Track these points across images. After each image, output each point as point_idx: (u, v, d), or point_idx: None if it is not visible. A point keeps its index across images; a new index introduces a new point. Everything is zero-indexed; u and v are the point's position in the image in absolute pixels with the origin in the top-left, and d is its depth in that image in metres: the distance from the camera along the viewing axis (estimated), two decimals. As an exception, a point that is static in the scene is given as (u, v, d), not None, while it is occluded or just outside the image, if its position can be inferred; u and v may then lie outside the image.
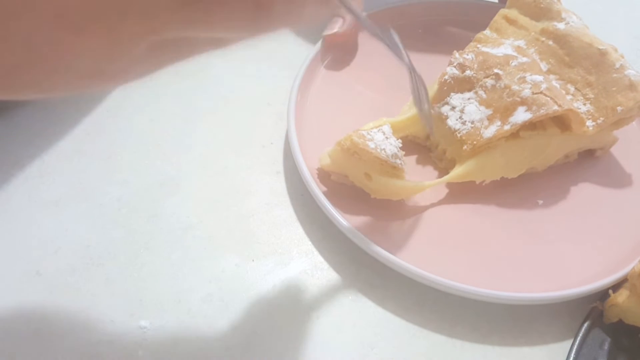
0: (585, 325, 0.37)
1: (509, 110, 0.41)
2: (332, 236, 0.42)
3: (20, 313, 0.37)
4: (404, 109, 0.46)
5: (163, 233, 0.41)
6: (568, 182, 0.45)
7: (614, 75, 0.42)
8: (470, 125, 0.41)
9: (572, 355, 0.36)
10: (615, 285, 0.38)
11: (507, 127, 0.40)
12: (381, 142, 0.39)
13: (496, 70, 0.42)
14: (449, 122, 0.42)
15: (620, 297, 0.37)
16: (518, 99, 0.40)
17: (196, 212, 0.42)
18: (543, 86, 0.41)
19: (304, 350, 0.37)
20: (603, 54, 0.43)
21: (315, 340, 0.37)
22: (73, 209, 0.42)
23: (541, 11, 0.47)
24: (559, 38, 0.45)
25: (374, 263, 0.39)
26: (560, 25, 0.45)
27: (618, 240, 0.42)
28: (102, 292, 0.38)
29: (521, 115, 0.40)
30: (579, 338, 0.36)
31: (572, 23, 0.45)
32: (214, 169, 0.45)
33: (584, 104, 0.43)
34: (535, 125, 0.42)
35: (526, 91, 0.40)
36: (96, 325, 0.36)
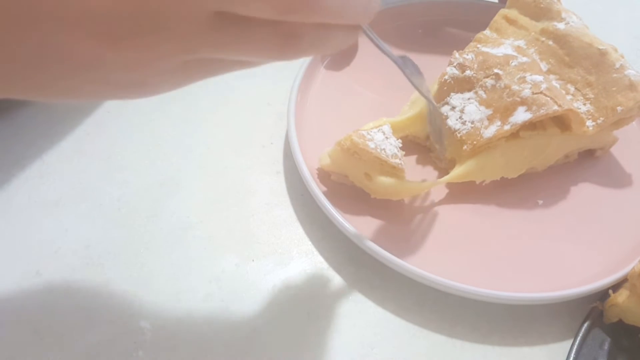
0: (585, 325, 0.37)
1: (509, 110, 0.41)
2: (332, 236, 0.42)
3: (20, 313, 0.37)
4: (404, 109, 0.46)
5: (163, 233, 0.41)
6: (568, 182, 0.45)
7: (614, 75, 0.42)
8: (470, 125, 0.41)
9: (572, 355, 0.36)
10: (615, 285, 0.38)
11: (507, 127, 0.40)
12: (381, 142, 0.39)
13: (496, 70, 0.42)
14: (449, 122, 0.42)
15: (620, 297, 0.37)
16: (518, 99, 0.40)
17: (196, 212, 0.42)
18: (543, 86, 0.41)
19: (304, 350, 0.37)
20: (603, 54, 0.43)
21: (315, 340, 0.37)
22: (73, 209, 0.42)
23: (541, 11, 0.47)
24: (559, 38, 0.45)
25: (374, 263, 0.39)
26: (560, 25, 0.45)
27: (618, 240, 0.42)
28: (102, 292, 0.38)
29: (521, 115, 0.40)
30: (579, 338, 0.36)
31: (572, 23, 0.45)
32: (214, 169, 0.45)
33: (584, 104, 0.43)
34: (535, 125, 0.42)
35: (526, 91, 0.40)
36: (96, 325, 0.36)
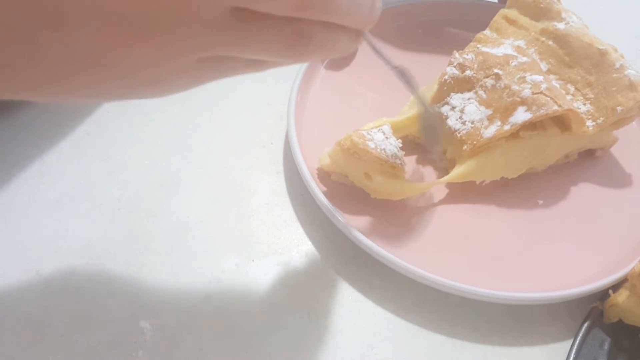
0: (585, 325, 0.37)
1: (509, 110, 0.41)
2: (332, 236, 0.42)
3: (20, 313, 0.37)
4: (404, 109, 0.46)
5: (163, 233, 0.41)
6: (568, 182, 0.45)
7: (614, 75, 0.42)
8: (470, 125, 0.41)
9: (572, 355, 0.36)
10: (615, 285, 0.38)
11: (507, 127, 0.40)
12: (381, 142, 0.39)
13: (496, 70, 0.42)
14: (449, 122, 0.42)
15: (620, 297, 0.37)
16: (518, 99, 0.40)
17: (196, 212, 0.42)
18: (543, 86, 0.41)
19: (304, 350, 0.37)
20: (603, 54, 0.43)
21: (315, 340, 0.37)
22: (73, 209, 0.42)
23: (541, 11, 0.47)
24: (559, 38, 0.45)
25: (374, 263, 0.39)
26: (560, 25, 0.45)
27: (618, 240, 0.42)
28: (102, 292, 0.38)
29: (521, 115, 0.40)
30: (579, 338, 0.36)
31: (572, 23, 0.45)
32: (214, 169, 0.45)
33: (584, 104, 0.43)
34: (535, 125, 0.42)
35: (526, 91, 0.40)
36: (96, 325, 0.36)
